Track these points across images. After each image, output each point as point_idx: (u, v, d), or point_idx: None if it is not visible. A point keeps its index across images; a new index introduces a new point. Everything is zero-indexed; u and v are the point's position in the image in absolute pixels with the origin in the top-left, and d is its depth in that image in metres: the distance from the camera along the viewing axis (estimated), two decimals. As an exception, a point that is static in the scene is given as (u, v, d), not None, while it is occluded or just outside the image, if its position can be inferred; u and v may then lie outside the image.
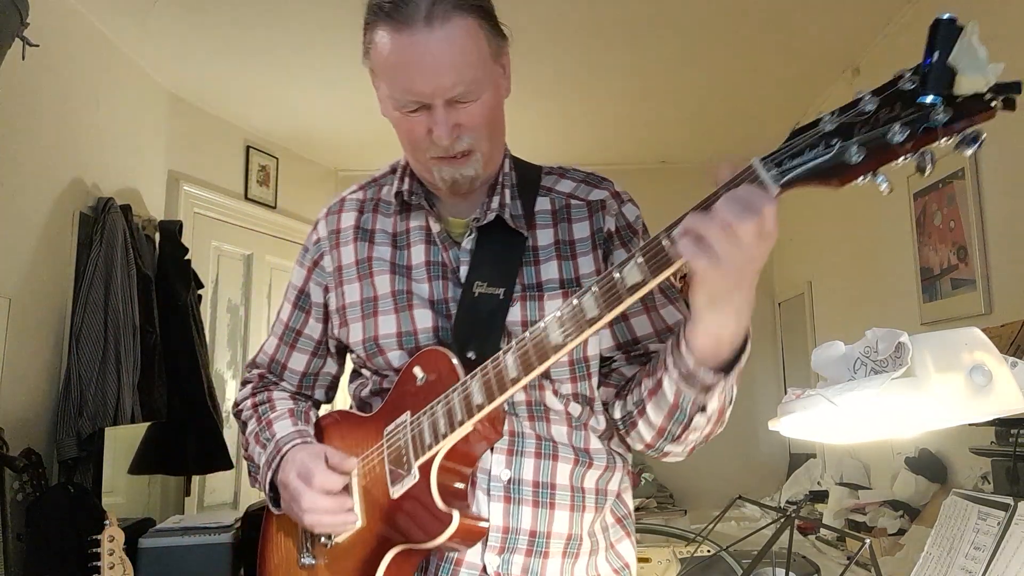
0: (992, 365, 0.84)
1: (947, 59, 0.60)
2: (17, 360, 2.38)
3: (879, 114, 0.64)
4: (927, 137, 0.63)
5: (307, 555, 1.08)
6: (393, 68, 0.96)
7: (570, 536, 1.03)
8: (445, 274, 1.07)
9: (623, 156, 4.47)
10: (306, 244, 1.19)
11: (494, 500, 1.00)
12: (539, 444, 1.02)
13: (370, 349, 1.08)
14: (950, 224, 2.50)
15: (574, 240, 1.08)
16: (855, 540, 2.28)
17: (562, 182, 1.13)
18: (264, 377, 1.23)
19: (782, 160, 0.71)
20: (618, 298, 0.82)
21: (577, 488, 1.04)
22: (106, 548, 1.82)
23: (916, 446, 2.62)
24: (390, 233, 1.11)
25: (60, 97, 2.67)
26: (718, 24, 2.94)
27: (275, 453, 1.08)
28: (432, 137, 0.97)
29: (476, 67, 0.97)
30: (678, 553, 2.69)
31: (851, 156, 0.65)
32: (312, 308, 1.17)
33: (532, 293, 1.04)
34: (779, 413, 0.97)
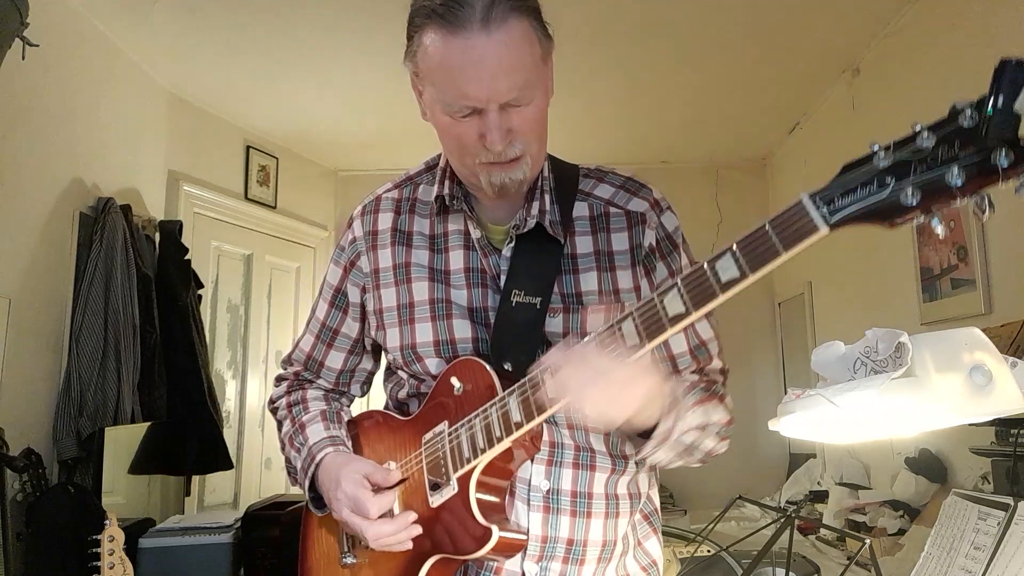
0: (992, 365, 0.84)
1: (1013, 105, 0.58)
2: (17, 360, 2.38)
3: (937, 151, 0.62)
4: (988, 180, 0.61)
5: (349, 555, 1.10)
6: (446, 72, 0.92)
7: (605, 543, 1.05)
8: (484, 281, 1.06)
9: (623, 156, 4.47)
10: (341, 243, 1.17)
11: (533, 510, 1.01)
12: (577, 454, 1.04)
13: (407, 356, 1.08)
14: (950, 224, 2.50)
15: (613, 252, 1.06)
16: (855, 540, 2.28)
17: (600, 186, 1.11)
18: (300, 375, 1.23)
19: (833, 197, 0.69)
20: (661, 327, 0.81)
21: (611, 495, 1.06)
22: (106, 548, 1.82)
23: (916, 446, 2.62)
24: (427, 235, 1.10)
25: (60, 97, 2.67)
26: (718, 24, 2.94)
27: (309, 460, 1.09)
28: (484, 143, 0.94)
29: (531, 71, 0.95)
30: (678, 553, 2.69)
31: (907, 198, 0.64)
32: (349, 307, 1.16)
33: (572, 304, 1.04)
34: (779, 413, 0.97)
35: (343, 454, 1.08)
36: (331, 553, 1.14)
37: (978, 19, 2.38)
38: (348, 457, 1.08)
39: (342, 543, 1.11)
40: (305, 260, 4.44)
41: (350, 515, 1.01)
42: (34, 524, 2.15)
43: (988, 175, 0.60)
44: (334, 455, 1.07)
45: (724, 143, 4.34)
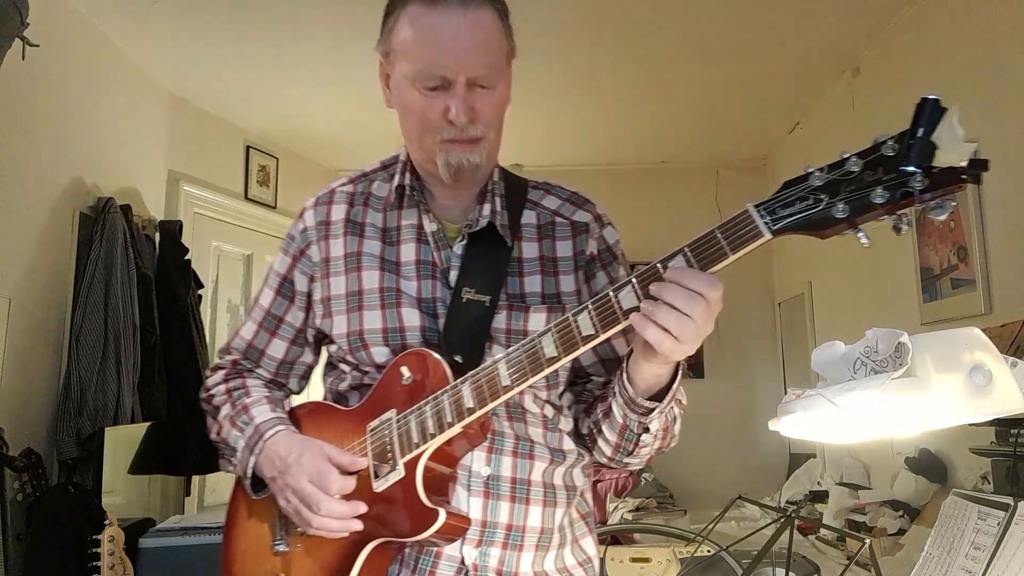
0: (992, 365, 0.84)
1: (931, 136, 0.68)
2: (17, 360, 2.38)
3: (863, 175, 0.72)
4: (905, 201, 0.70)
5: (281, 542, 1.08)
6: (423, 42, 0.99)
7: (543, 530, 1.08)
8: (434, 274, 1.09)
9: (624, 156, 4.47)
10: (291, 232, 1.18)
11: (474, 495, 1.04)
12: (516, 443, 1.07)
13: (354, 343, 1.09)
14: (950, 224, 2.50)
15: (557, 257, 1.12)
16: (855, 540, 2.28)
17: (548, 198, 1.18)
18: (238, 364, 1.22)
19: (775, 208, 0.78)
20: (615, 319, 0.87)
21: (549, 484, 1.09)
22: (106, 548, 1.82)
23: (916, 446, 2.62)
24: (380, 228, 1.13)
25: (60, 97, 2.67)
26: (718, 24, 2.94)
27: (256, 438, 1.08)
28: (448, 115, 0.99)
29: (498, 56, 1.02)
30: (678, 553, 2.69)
31: (837, 212, 0.73)
32: (296, 296, 1.17)
33: (517, 304, 1.08)
34: (779, 413, 0.97)
35: (297, 434, 1.08)
36: (261, 540, 1.11)
37: (978, 19, 2.38)
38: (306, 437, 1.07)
39: (275, 529, 1.09)
40: (305, 260, 4.44)
41: (307, 484, 0.99)
42: (34, 524, 2.15)
43: (906, 196, 0.70)
44: (287, 433, 1.07)
45: (724, 143, 4.34)
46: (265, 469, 1.06)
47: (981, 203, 2.35)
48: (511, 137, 1.18)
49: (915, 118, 0.69)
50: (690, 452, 4.37)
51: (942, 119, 0.68)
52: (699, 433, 4.34)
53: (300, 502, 1.01)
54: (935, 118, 0.68)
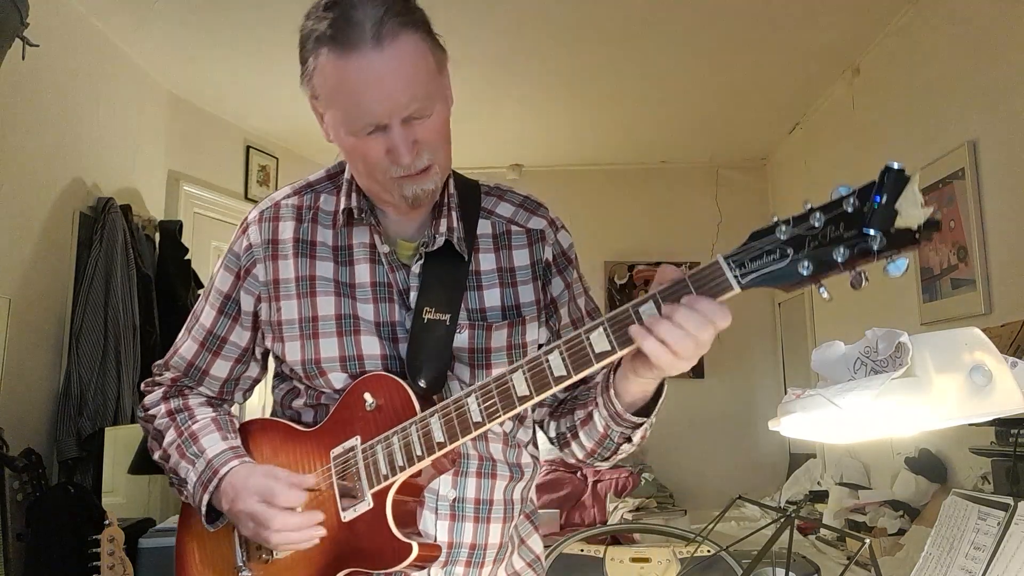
0: (992, 365, 0.84)
1: (894, 204, 0.71)
2: (17, 360, 2.38)
3: (826, 230, 0.75)
4: (864, 259, 0.74)
5: (244, 568, 1.05)
6: (345, 93, 0.94)
7: (501, 545, 1.09)
8: (391, 296, 1.05)
9: (623, 156, 4.47)
10: (235, 249, 1.11)
11: (440, 518, 1.05)
12: (480, 464, 1.07)
13: (310, 370, 1.05)
14: (950, 224, 2.50)
15: (515, 268, 1.11)
16: (855, 540, 2.28)
17: (501, 205, 1.15)
18: (178, 381, 1.16)
19: (743, 261, 0.80)
20: (587, 362, 0.87)
21: (508, 501, 1.10)
22: (106, 548, 1.82)
23: (916, 446, 2.62)
24: (331, 247, 1.08)
25: (60, 97, 2.67)
26: (718, 24, 2.94)
27: (210, 474, 1.04)
28: (391, 157, 0.95)
29: (427, 83, 0.95)
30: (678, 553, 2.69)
31: (802, 269, 0.76)
32: (241, 316, 1.11)
33: (477, 320, 1.07)
34: (779, 413, 0.97)
35: (249, 465, 1.05)
36: (221, 567, 1.09)
37: (978, 19, 2.38)
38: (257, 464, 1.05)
39: (235, 555, 1.07)
40: (305, 260, 4.45)
41: (256, 504, 0.97)
42: (34, 524, 2.15)
43: (865, 256, 0.73)
44: (240, 466, 1.03)
45: (724, 143, 4.34)
46: (222, 502, 1.03)
47: (981, 203, 2.35)
48: (511, 137, 1.18)
49: (879, 184, 0.72)
50: (690, 452, 4.39)
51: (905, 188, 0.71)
52: (699, 433, 4.36)
53: (255, 524, 0.98)
54: (899, 187, 0.71)
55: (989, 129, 2.31)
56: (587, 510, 3.52)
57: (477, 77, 3.38)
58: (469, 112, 3.78)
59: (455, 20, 2.88)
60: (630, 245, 4.54)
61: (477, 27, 2.93)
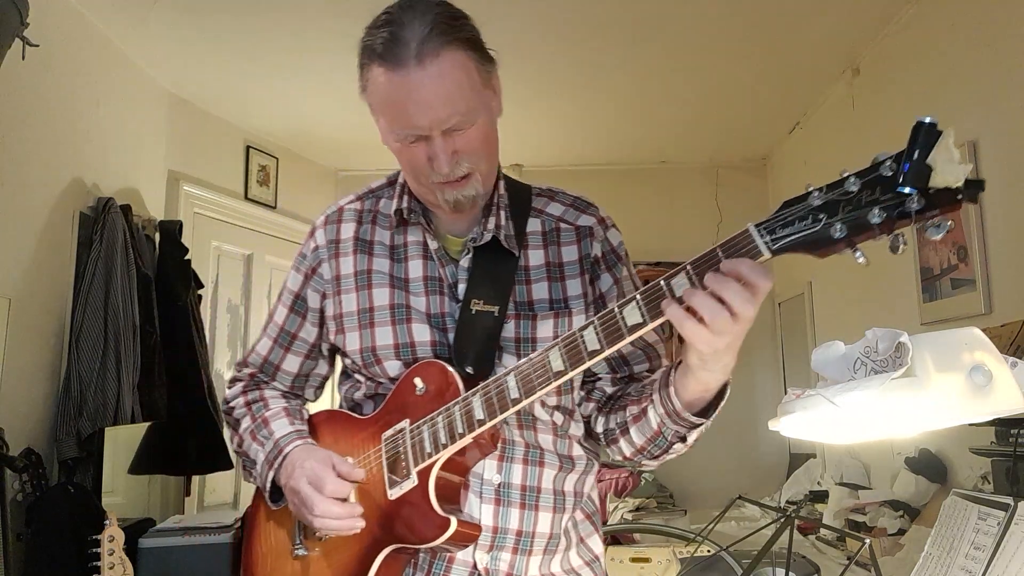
0: (992, 365, 0.84)
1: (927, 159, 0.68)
2: (17, 360, 2.38)
3: (861, 195, 0.73)
4: (902, 221, 0.71)
5: (300, 547, 1.12)
6: (390, 105, 1.01)
7: (551, 535, 1.11)
8: (442, 289, 1.12)
9: (623, 156, 4.47)
10: (303, 251, 1.22)
11: (485, 502, 1.08)
12: (527, 451, 1.10)
13: (367, 358, 1.12)
14: (950, 224, 2.50)
15: (563, 263, 1.15)
16: (855, 540, 2.28)
17: (552, 204, 1.20)
18: (255, 376, 1.26)
19: (774, 228, 0.79)
20: (620, 335, 0.88)
21: (559, 491, 1.12)
22: (106, 548, 1.82)
23: (916, 446, 2.62)
24: (388, 245, 1.16)
25: (60, 97, 2.67)
26: (718, 24, 2.94)
27: (276, 452, 1.12)
28: (433, 165, 1.02)
29: (469, 97, 1.01)
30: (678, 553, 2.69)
31: (835, 232, 0.74)
32: (308, 312, 1.20)
33: (524, 312, 1.11)
34: (779, 413, 0.97)
35: (312, 446, 1.12)
36: (280, 546, 1.16)
37: (978, 19, 2.38)
38: (319, 448, 1.12)
39: (294, 535, 1.14)
40: (305, 260, 4.44)
41: (305, 485, 1.03)
42: (34, 524, 2.15)
43: (902, 217, 0.71)
44: (303, 446, 1.11)
45: (724, 143, 4.34)
46: (281, 478, 1.10)
47: (981, 203, 2.35)
48: (511, 137, 1.20)
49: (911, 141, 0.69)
50: (690, 452, 4.37)
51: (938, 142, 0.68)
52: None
53: (300, 503, 1.05)
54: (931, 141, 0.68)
55: (989, 129, 2.31)
56: (587, 510, 3.52)
57: (477, 77, 3.38)
58: (469, 112, 3.77)
59: (455, 20, 2.88)
60: (630, 245, 4.41)
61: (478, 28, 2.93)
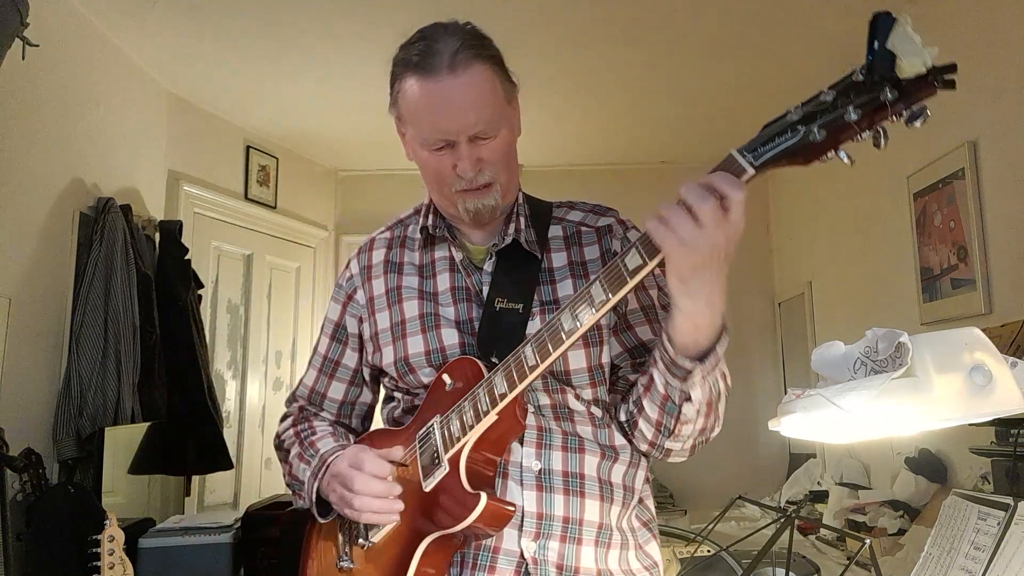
0: (992, 365, 0.84)
1: (886, 43, 0.68)
2: (17, 360, 2.38)
3: (837, 101, 0.74)
4: (879, 114, 0.72)
5: (345, 559, 1.13)
6: (422, 110, 1.07)
7: (601, 525, 1.09)
8: (469, 297, 1.15)
9: (623, 156, 4.47)
10: (339, 281, 1.29)
11: (527, 489, 1.07)
12: (565, 439, 1.10)
13: (401, 368, 1.16)
14: (950, 224, 2.50)
15: (586, 261, 1.17)
16: (855, 540, 2.28)
17: (572, 212, 1.24)
18: (304, 409, 1.31)
19: (756, 147, 0.83)
20: (622, 280, 0.90)
21: (605, 480, 1.11)
22: (106, 548, 1.82)
23: (916, 446, 2.62)
24: (417, 265, 1.21)
25: (60, 97, 2.67)
26: (718, 24, 2.94)
27: (320, 465, 1.14)
28: (457, 171, 1.08)
29: (493, 107, 1.08)
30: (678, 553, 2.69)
31: (815, 136, 0.76)
32: (348, 339, 1.26)
33: (550, 308, 1.12)
34: (779, 413, 0.97)
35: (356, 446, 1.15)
36: (328, 560, 1.17)
37: (978, 19, 2.38)
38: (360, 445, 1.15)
39: (339, 548, 1.15)
40: (305, 260, 4.44)
41: (345, 467, 1.06)
42: (34, 524, 2.15)
43: (879, 109, 0.71)
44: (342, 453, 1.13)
45: (724, 143, 4.32)
46: (323, 485, 1.12)
47: (981, 203, 2.35)
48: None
49: (870, 34, 0.70)
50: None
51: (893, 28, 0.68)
52: (699, 433, 4.36)
53: (341, 486, 1.07)
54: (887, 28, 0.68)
55: (989, 129, 2.31)
56: (587, 510, 3.52)
57: (477, 77, 3.38)
58: (469, 112, 3.77)
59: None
60: (630, 245, 4.53)
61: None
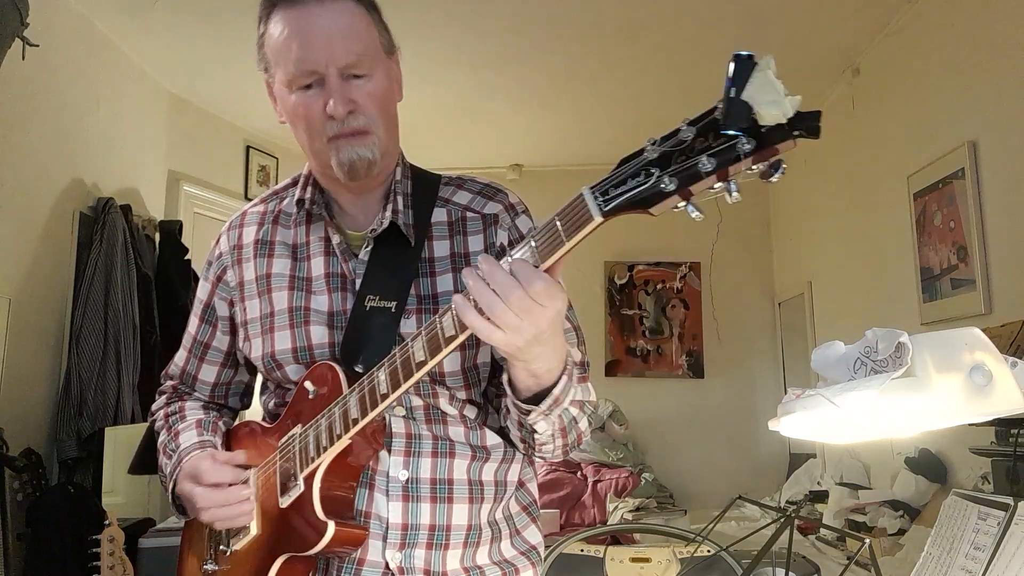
0: (992, 365, 0.84)
1: (741, 94, 0.63)
2: (17, 360, 2.38)
3: (695, 143, 0.68)
4: (735, 166, 0.66)
5: (210, 562, 1.10)
6: (287, 42, 0.99)
7: (470, 527, 1.06)
8: (344, 285, 1.08)
9: (623, 156, 4.47)
10: (209, 258, 1.19)
11: (392, 500, 1.03)
12: (436, 443, 1.05)
13: (268, 364, 1.09)
14: (950, 224, 2.50)
15: (469, 253, 1.09)
16: (855, 540, 2.28)
17: (459, 193, 1.14)
18: (177, 388, 1.24)
19: (607, 188, 0.76)
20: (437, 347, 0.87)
21: (475, 481, 1.07)
22: (106, 548, 1.82)
23: (916, 446, 2.62)
24: (290, 245, 1.12)
25: (60, 97, 2.67)
26: (718, 23, 2.94)
27: (176, 464, 1.09)
28: (327, 110, 0.98)
29: (366, 43, 1.01)
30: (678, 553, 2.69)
31: (665, 186, 0.71)
32: (219, 321, 1.18)
33: (427, 305, 1.06)
34: (779, 413, 0.97)
35: (202, 453, 1.08)
36: (196, 562, 1.14)
37: (978, 19, 2.38)
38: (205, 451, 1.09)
39: (205, 551, 1.11)
40: (305, 260, 4.45)
41: (187, 485, 1.01)
42: (34, 524, 2.15)
43: (734, 161, 0.66)
44: (195, 455, 1.08)
45: (724, 143, 4.34)
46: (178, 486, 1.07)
47: (981, 203, 2.35)
48: (510, 137, 1.18)
49: (729, 79, 0.64)
50: (690, 452, 4.39)
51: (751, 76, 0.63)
52: (699, 433, 4.36)
53: (189, 506, 1.02)
54: (745, 75, 0.63)
55: (989, 129, 2.31)
56: (587, 510, 3.53)
57: (477, 77, 3.38)
58: (469, 112, 3.78)
59: (455, 21, 2.88)
60: (630, 245, 4.54)
61: (477, 27, 2.93)
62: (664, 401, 4.44)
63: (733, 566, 1.76)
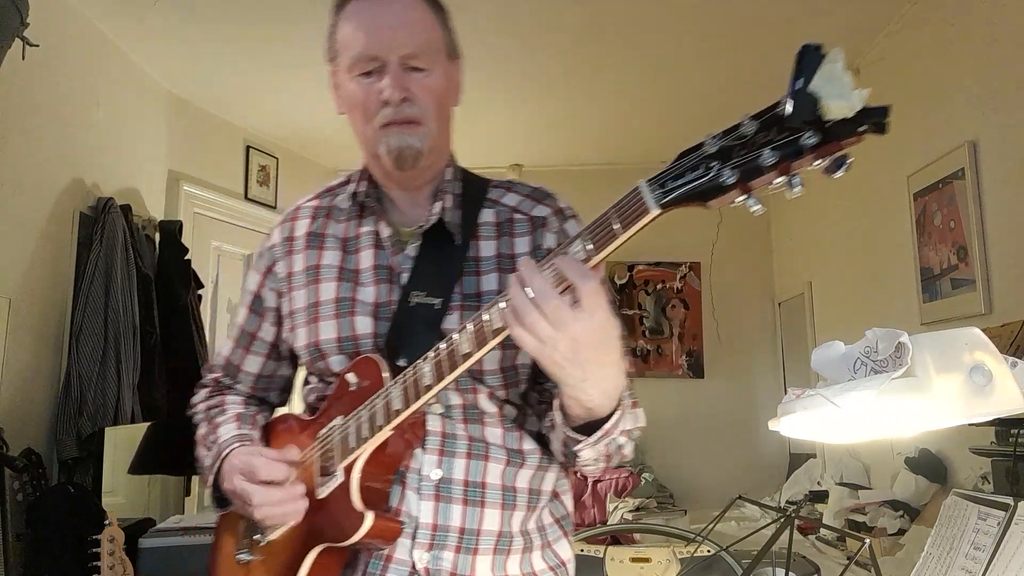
0: (992, 365, 0.84)
1: (808, 86, 0.62)
2: (17, 360, 2.38)
3: (756, 137, 0.67)
4: (798, 161, 0.65)
5: (244, 552, 1.11)
6: (354, 32, 1.04)
7: (500, 533, 1.05)
8: (390, 277, 1.09)
9: (623, 156, 4.47)
10: (260, 249, 1.21)
11: (424, 499, 1.03)
12: (470, 445, 1.05)
13: (313, 354, 1.10)
14: (950, 224, 2.50)
15: (515, 254, 1.10)
16: (855, 540, 2.28)
17: (508, 195, 1.16)
18: (219, 381, 1.25)
19: (665, 181, 0.76)
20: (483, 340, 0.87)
21: (508, 487, 1.07)
22: (106, 548, 1.82)
23: (916, 446, 2.62)
24: (340, 238, 1.14)
25: (60, 97, 2.67)
26: (718, 24, 2.94)
27: (216, 456, 1.09)
28: (383, 96, 1.01)
29: (430, 38, 1.05)
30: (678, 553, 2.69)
31: (725, 179, 0.69)
32: (266, 312, 1.19)
33: (471, 303, 1.06)
34: (779, 413, 0.97)
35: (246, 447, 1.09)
36: (230, 552, 1.14)
37: (978, 19, 2.38)
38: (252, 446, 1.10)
39: (239, 541, 1.12)
40: (305, 260, 4.44)
41: (239, 481, 1.01)
42: (34, 524, 2.15)
43: (797, 155, 0.64)
44: (241, 448, 1.08)
45: (724, 143, 4.34)
46: (223, 483, 1.07)
47: (981, 203, 2.35)
48: (510, 137, 1.19)
49: (795, 70, 0.63)
50: (690, 452, 4.39)
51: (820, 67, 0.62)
52: (699, 433, 4.36)
53: (241, 501, 1.02)
54: (813, 67, 0.62)
55: (989, 129, 2.31)
56: (587, 510, 3.53)
57: (477, 77, 3.38)
58: (469, 112, 3.77)
59: (455, 21, 2.88)
60: (630, 245, 4.51)
61: (477, 27, 2.93)
62: (664, 401, 4.43)
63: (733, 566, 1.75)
